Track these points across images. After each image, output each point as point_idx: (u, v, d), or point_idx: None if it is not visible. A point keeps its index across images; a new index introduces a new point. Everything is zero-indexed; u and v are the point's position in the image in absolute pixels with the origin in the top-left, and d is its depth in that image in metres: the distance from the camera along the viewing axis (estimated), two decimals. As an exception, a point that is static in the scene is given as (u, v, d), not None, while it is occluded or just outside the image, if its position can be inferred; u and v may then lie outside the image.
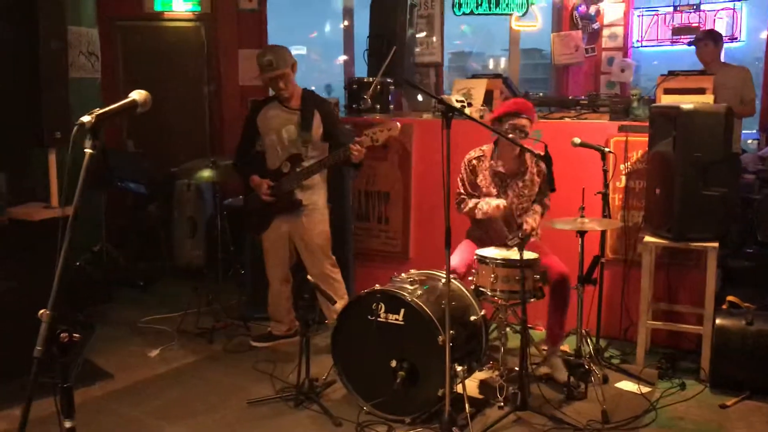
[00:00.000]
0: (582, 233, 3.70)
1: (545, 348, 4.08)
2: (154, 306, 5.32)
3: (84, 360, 4.20)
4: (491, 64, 15.84)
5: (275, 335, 4.57)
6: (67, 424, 1.68)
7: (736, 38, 6.62)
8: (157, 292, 5.77)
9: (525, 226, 3.95)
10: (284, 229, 4.32)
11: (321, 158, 4.17)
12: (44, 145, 3.88)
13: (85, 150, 1.64)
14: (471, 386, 3.73)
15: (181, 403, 3.78)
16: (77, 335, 1.65)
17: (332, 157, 4.11)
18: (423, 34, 7.12)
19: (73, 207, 1.56)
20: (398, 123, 3.91)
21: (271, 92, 4.38)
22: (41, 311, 1.60)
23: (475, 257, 3.79)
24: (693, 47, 5.98)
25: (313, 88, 4.75)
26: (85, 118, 1.67)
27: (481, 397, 3.72)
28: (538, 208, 4.09)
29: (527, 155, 4.00)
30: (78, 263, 5.48)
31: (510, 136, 3.82)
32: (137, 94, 1.84)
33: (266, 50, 4.23)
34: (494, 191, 4.04)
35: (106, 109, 1.74)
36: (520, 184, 4.04)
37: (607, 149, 4.11)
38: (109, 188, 5.92)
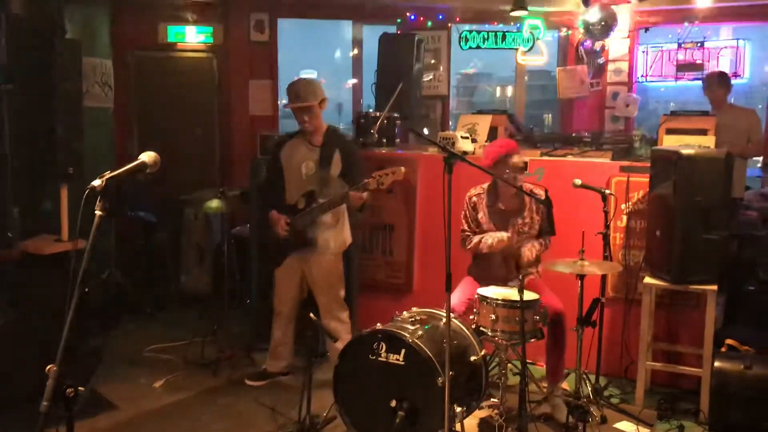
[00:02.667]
0: (582, 276, 3.75)
1: (545, 385, 4.12)
2: (161, 334, 5.38)
3: (90, 390, 4.26)
4: (498, 92, 15.94)
5: (270, 372, 4.57)
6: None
7: (740, 75, 6.70)
8: (164, 320, 5.83)
9: (523, 258, 4.00)
10: (297, 266, 4.34)
11: (324, 200, 4.16)
12: (57, 179, 3.97)
13: (96, 212, 1.71)
14: (470, 425, 3.76)
15: (184, 436, 3.83)
16: (82, 388, 1.71)
17: (335, 199, 4.11)
18: (430, 76, 7.23)
19: (83, 264, 1.63)
20: (403, 168, 3.93)
21: (286, 125, 4.43)
22: (48, 366, 1.67)
23: (476, 296, 3.84)
24: (697, 82, 6.08)
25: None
26: (96, 182, 1.75)
27: (480, 436, 3.76)
28: (536, 242, 4.13)
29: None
30: (86, 289, 5.54)
31: (505, 177, 3.89)
32: (146, 156, 1.92)
33: (298, 81, 4.23)
34: (494, 228, 4.11)
35: (116, 172, 1.83)
36: (520, 222, 4.11)
37: (607, 191, 4.16)
38: (120, 216, 6.02)
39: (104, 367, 4.69)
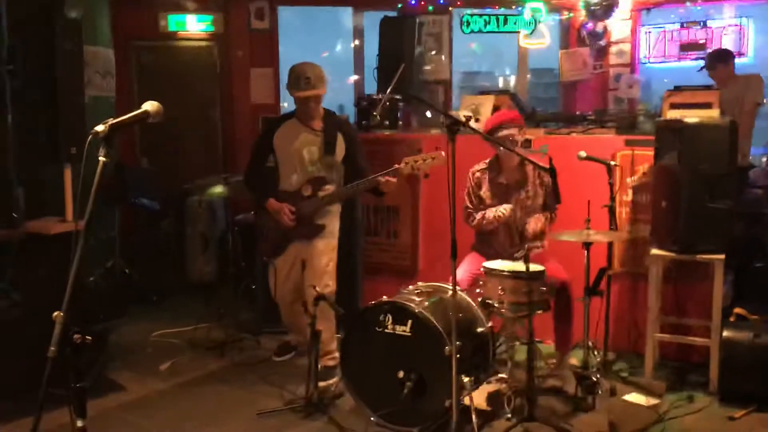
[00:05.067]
0: (588, 245, 3.73)
1: (553, 361, 4.10)
2: (166, 321, 5.37)
3: (97, 375, 4.26)
4: (501, 83, 15.91)
5: (295, 345, 4.54)
6: (79, 423, 1.73)
7: (744, 54, 6.66)
8: (170, 307, 5.82)
9: (527, 229, 3.98)
10: (297, 254, 4.17)
11: (351, 184, 4.08)
12: (60, 160, 3.97)
13: (99, 158, 1.70)
14: (479, 398, 3.74)
15: (191, 414, 3.83)
16: (89, 337, 1.70)
17: (362, 183, 4.00)
18: (432, 52, 7.21)
19: (87, 210, 1.63)
20: (443, 153, 3.60)
21: (281, 109, 4.40)
22: (55, 313, 1.66)
23: (482, 269, 3.82)
24: (700, 62, 6.03)
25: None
26: (99, 128, 1.74)
27: (488, 408, 3.74)
28: (541, 215, 4.11)
29: (528, 166, 4.05)
30: (91, 278, 5.56)
31: (507, 146, 3.87)
32: (149, 105, 1.91)
33: (305, 67, 4.08)
34: (497, 203, 4.09)
35: (120, 119, 1.82)
36: (523, 195, 4.09)
37: (612, 162, 4.14)
38: (123, 204, 6.02)
39: (110, 353, 4.69)
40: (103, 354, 4.53)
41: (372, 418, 3.52)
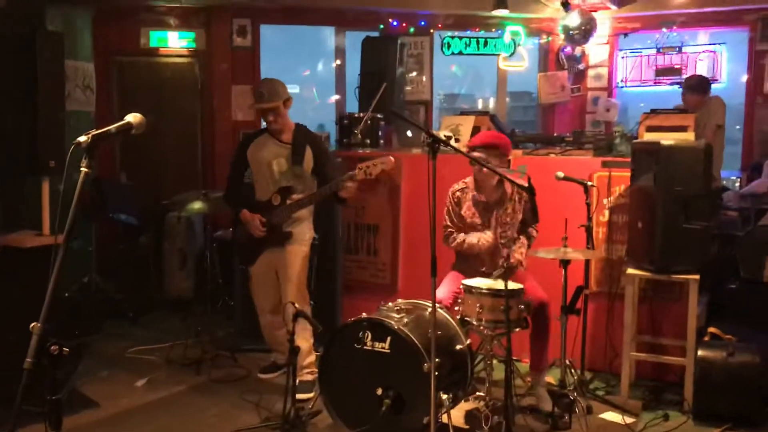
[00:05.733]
0: (565, 263, 3.77)
1: (530, 379, 4.12)
2: (143, 337, 5.32)
3: (71, 389, 4.20)
4: (480, 105, 16.09)
5: (280, 365, 4.56)
6: (55, 436, 1.71)
7: (717, 80, 6.81)
8: (146, 324, 5.76)
9: (512, 259, 4.01)
10: (271, 262, 4.34)
11: (312, 191, 4.23)
12: (39, 173, 3.94)
13: (81, 168, 1.70)
14: (457, 416, 3.74)
15: (167, 431, 3.78)
16: (66, 349, 1.69)
17: (324, 189, 4.16)
18: (413, 73, 7.29)
19: (69, 219, 1.62)
20: (392, 157, 3.97)
21: (263, 125, 4.46)
22: (32, 324, 1.64)
23: (461, 286, 3.84)
24: (677, 87, 6.14)
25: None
26: (82, 138, 1.74)
27: (466, 426, 3.74)
28: (524, 240, 4.17)
29: (507, 184, 4.10)
30: (67, 294, 5.49)
31: (483, 164, 3.90)
32: (132, 117, 1.92)
33: (262, 82, 4.31)
34: (478, 221, 4.12)
35: (103, 129, 1.82)
36: (502, 212, 4.13)
37: (589, 183, 4.20)
38: (101, 219, 5.97)
39: (85, 368, 4.63)
40: (77, 369, 4.47)
41: (349, 436, 3.51)
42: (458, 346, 3.62)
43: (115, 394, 4.26)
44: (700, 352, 3.91)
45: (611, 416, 3.91)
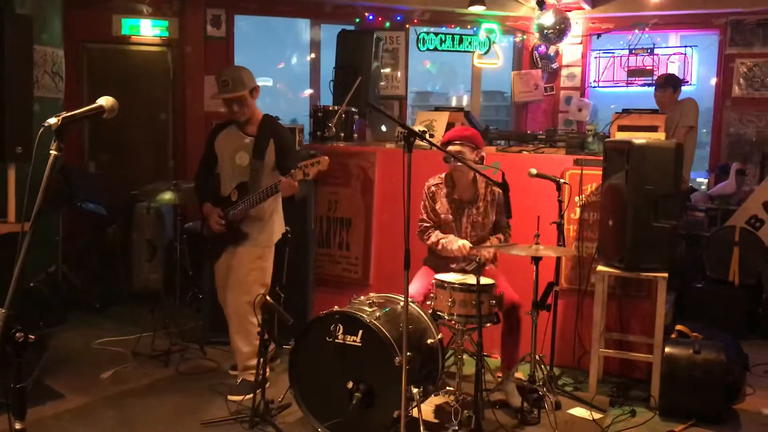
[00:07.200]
0: (537, 260, 3.79)
1: (500, 375, 4.14)
2: (110, 329, 5.24)
3: (35, 380, 4.12)
4: (454, 102, 16.16)
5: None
6: (18, 426, 1.67)
7: (687, 82, 6.90)
8: (114, 315, 5.68)
9: (480, 259, 4.02)
10: (228, 259, 4.16)
11: (255, 193, 4.00)
12: (4, 159, 3.85)
13: (50, 152, 1.66)
14: (426, 410, 3.75)
15: (133, 424, 3.73)
16: (32, 336, 1.64)
17: (261, 193, 3.96)
18: (388, 69, 7.28)
19: (37, 203, 1.58)
20: (326, 158, 3.77)
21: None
22: (-3, 311, 1.60)
23: (433, 281, 3.84)
24: (648, 88, 6.21)
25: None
26: (52, 120, 1.69)
27: (436, 421, 3.75)
28: (494, 240, 4.17)
29: (480, 184, 4.11)
30: (32, 284, 5.38)
31: (458, 157, 3.91)
32: (104, 100, 1.87)
33: (225, 70, 4.11)
34: (451, 217, 4.13)
35: (73, 112, 1.77)
36: (474, 212, 4.14)
37: (562, 180, 4.23)
38: (68, 208, 5.86)
39: (50, 359, 4.55)
40: (41, 360, 4.38)
41: (319, 430, 3.49)
42: (429, 341, 3.62)
43: (81, 385, 4.19)
44: (667, 350, 3.96)
45: (579, 412, 3.95)
